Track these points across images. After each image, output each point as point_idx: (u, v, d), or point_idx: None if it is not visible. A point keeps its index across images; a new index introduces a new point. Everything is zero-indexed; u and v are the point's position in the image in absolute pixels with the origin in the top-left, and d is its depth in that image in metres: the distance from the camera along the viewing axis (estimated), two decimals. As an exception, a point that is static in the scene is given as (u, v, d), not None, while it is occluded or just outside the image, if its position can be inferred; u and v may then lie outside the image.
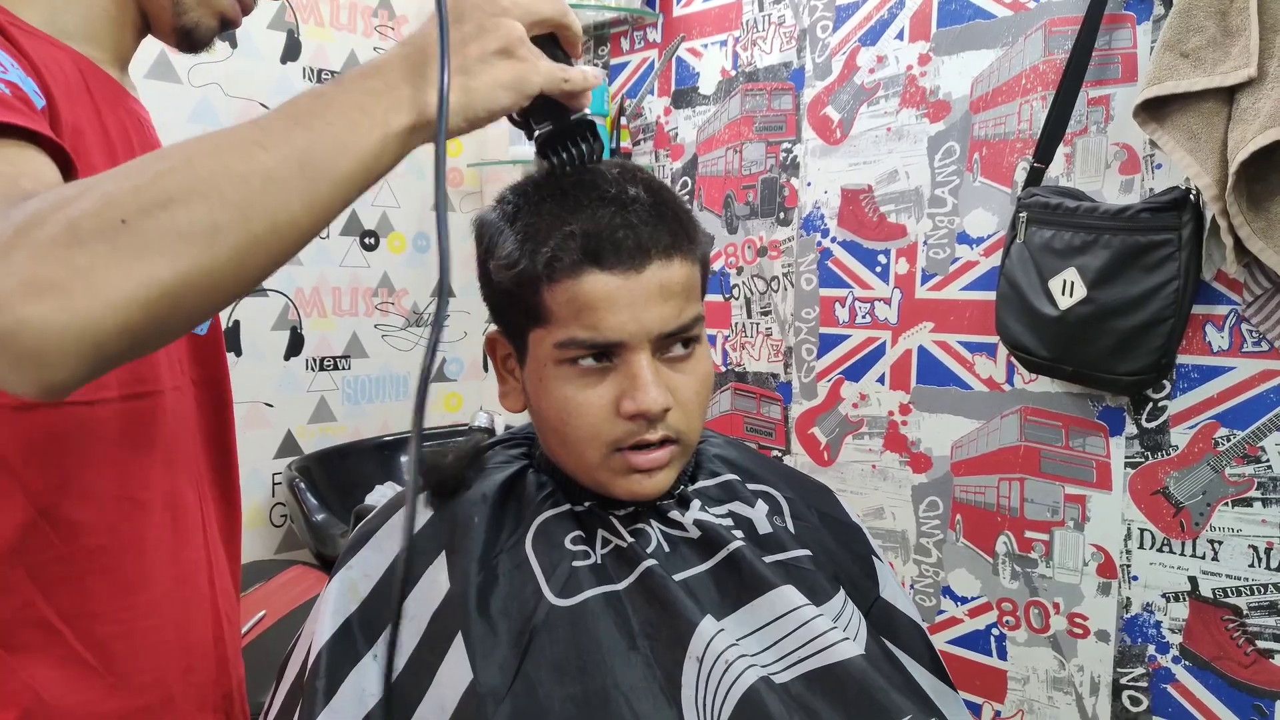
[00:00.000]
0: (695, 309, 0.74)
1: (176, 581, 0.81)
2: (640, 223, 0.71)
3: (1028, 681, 1.60)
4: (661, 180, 0.87)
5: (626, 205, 0.71)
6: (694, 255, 0.75)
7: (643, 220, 0.71)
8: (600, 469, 0.74)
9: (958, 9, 1.63)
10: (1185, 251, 1.32)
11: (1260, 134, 1.18)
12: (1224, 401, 1.37)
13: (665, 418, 0.72)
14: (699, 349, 0.76)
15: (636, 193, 0.72)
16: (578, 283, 0.70)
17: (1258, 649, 1.36)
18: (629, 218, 0.71)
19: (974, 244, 1.63)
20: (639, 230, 0.70)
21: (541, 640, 0.70)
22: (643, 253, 0.70)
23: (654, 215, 0.72)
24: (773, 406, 1.94)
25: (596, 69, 0.66)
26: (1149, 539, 1.45)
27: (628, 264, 0.70)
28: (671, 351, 0.73)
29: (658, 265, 0.71)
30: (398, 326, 2.19)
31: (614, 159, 0.82)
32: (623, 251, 0.70)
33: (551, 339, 0.72)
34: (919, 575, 1.72)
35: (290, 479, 1.93)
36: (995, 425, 1.61)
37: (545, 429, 0.77)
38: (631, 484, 0.74)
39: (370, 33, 2.10)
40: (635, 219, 0.71)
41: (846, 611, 0.80)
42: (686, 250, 0.74)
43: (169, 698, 0.80)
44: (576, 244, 0.70)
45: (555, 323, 0.71)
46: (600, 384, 0.72)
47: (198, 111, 1.84)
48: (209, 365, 0.90)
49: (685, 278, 0.73)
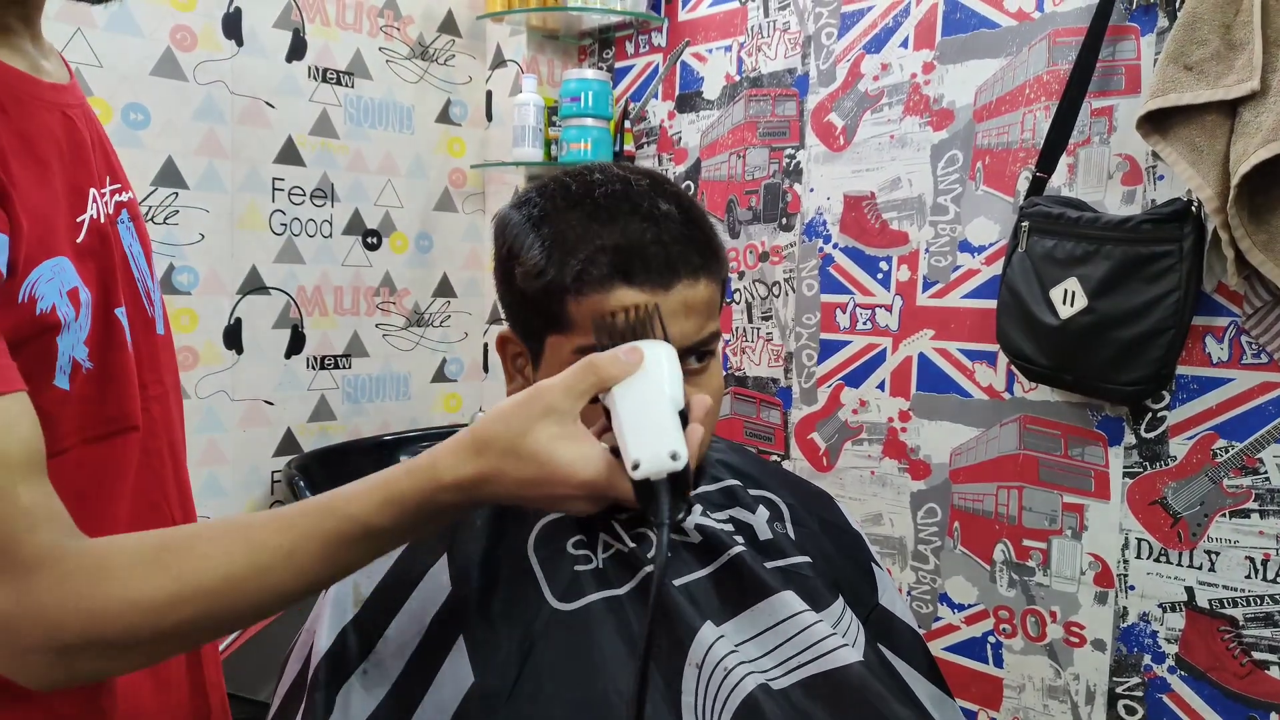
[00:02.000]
0: (713, 326, 0.75)
1: None
2: (671, 240, 0.72)
3: (1024, 690, 1.60)
4: (690, 195, 0.87)
5: (658, 221, 0.72)
6: (719, 276, 0.76)
7: (674, 238, 0.72)
8: None
9: (962, 18, 1.64)
10: (1186, 263, 1.32)
11: (1262, 147, 1.18)
12: (1223, 413, 1.38)
13: None
14: (713, 363, 0.77)
15: (668, 209, 0.73)
16: (605, 297, 0.70)
17: (1253, 660, 1.36)
18: (660, 235, 0.71)
19: (975, 252, 1.63)
20: (670, 248, 0.71)
21: (543, 644, 0.70)
22: (672, 271, 0.71)
23: (684, 234, 0.73)
24: (773, 411, 1.94)
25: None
26: (1146, 549, 1.46)
27: (656, 281, 0.70)
28: (687, 365, 0.74)
29: (685, 285, 0.72)
30: (399, 326, 2.19)
31: (641, 168, 0.82)
32: (652, 269, 0.70)
33: (571, 345, 0.72)
34: (916, 582, 1.73)
35: (289, 477, 1.93)
36: (994, 433, 1.62)
37: None
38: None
39: (376, 33, 2.10)
40: (666, 236, 0.71)
41: (846, 618, 0.80)
42: (713, 271, 0.75)
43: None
44: (607, 259, 0.70)
45: (577, 331, 0.72)
46: None
47: (202, 109, 1.85)
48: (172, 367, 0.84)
49: (709, 297, 0.74)
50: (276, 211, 1.97)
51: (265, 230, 1.96)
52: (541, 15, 2.17)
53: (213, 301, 1.90)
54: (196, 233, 1.86)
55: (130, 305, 0.76)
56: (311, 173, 2.02)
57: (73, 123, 0.72)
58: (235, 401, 1.94)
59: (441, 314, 2.27)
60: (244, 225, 1.93)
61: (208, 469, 1.90)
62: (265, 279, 1.97)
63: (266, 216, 1.96)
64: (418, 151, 2.19)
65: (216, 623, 0.59)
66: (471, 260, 2.32)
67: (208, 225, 1.88)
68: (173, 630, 0.57)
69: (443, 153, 2.25)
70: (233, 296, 1.93)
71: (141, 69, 1.78)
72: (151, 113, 1.79)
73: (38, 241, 0.64)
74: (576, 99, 2.09)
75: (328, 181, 2.04)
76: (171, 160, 1.82)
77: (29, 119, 0.67)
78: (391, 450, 2.11)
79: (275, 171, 1.97)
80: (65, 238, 0.68)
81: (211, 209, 1.88)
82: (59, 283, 0.65)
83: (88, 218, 0.71)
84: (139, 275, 0.80)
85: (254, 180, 1.94)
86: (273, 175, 1.96)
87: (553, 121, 2.17)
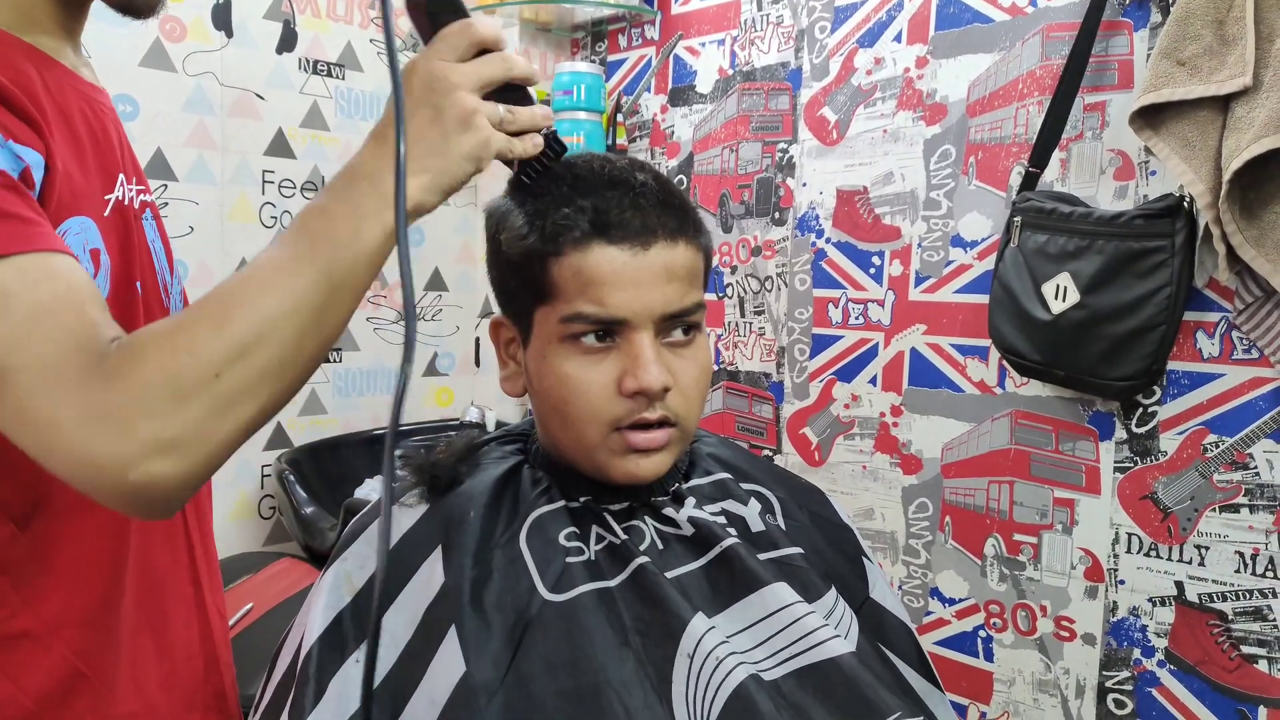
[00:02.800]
0: (697, 295, 0.77)
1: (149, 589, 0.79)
2: (648, 205, 0.74)
3: (1014, 683, 1.60)
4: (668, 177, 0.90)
5: (635, 188, 0.74)
6: (698, 243, 0.78)
7: (650, 204, 0.74)
8: (599, 449, 0.75)
9: (956, 12, 1.64)
10: (1178, 258, 1.33)
11: (1254, 143, 1.18)
12: (1213, 408, 1.38)
13: (665, 398, 0.74)
14: (699, 338, 0.78)
15: (645, 179, 0.75)
16: (585, 255, 0.72)
17: (1242, 654, 1.37)
18: (638, 200, 0.74)
19: (968, 247, 1.63)
20: (646, 211, 0.73)
21: (534, 635, 0.70)
22: (649, 231, 0.73)
23: (661, 200, 0.75)
24: (765, 406, 1.94)
25: (545, 109, 0.72)
26: (1137, 543, 1.46)
27: (634, 240, 0.72)
28: (672, 336, 0.76)
29: (663, 245, 0.73)
30: (390, 320, 2.18)
31: (622, 154, 0.85)
32: (630, 228, 0.72)
33: (556, 314, 0.74)
34: (907, 576, 1.73)
35: (279, 471, 1.92)
36: (986, 428, 1.62)
37: (546, 409, 0.78)
38: (629, 464, 0.75)
39: (367, 24, 2.09)
40: (644, 201, 0.74)
41: (838, 609, 0.81)
42: (691, 236, 0.76)
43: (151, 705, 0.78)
44: (586, 217, 0.72)
45: (561, 298, 0.73)
46: (602, 362, 0.74)
47: (192, 100, 1.83)
48: None
49: (689, 262, 0.76)
50: (267, 204, 1.96)
51: (256, 223, 1.95)
52: (534, 7, 2.17)
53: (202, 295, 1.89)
54: (186, 225, 1.85)
55: (147, 289, 0.78)
56: (302, 165, 2.01)
57: (103, 118, 0.76)
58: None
59: (433, 308, 2.27)
60: (234, 218, 1.92)
61: (197, 463, 1.89)
62: (255, 272, 1.96)
63: (257, 209, 1.95)
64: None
65: (281, 355, 0.61)
66: (463, 254, 2.31)
67: (198, 218, 1.87)
68: (242, 380, 0.60)
69: (434, 146, 2.24)
70: (223, 289, 1.92)
71: (130, 60, 1.76)
72: (140, 104, 1.77)
73: (70, 195, 0.66)
74: (569, 92, 2.09)
75: (319, 174, 2.03)
76: (161, 152, 1.81)
77: (65, 99, 0.71)
78: (383, 444, 2.10)
79: (266, 164, 1.96)
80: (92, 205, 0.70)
81: (201, 201, 1.87)
82: (84, 238, 0.68)
83: (114, 198, 0.74)
84: (159, 267, 0.83)
85: (244, 173, 1.93)
86: (263, 168, 1.95)
87: (545, 115, 2.16)
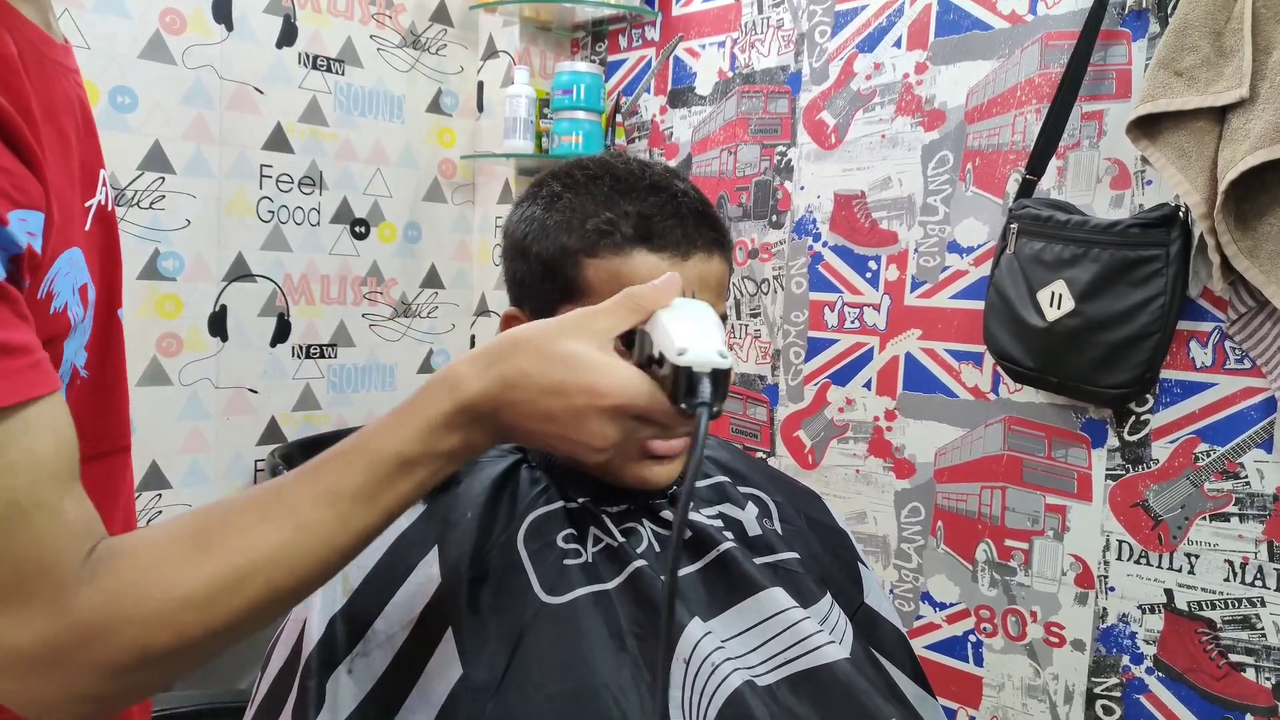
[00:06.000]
0: (722, 307, 0.77)
1: None
2: (690, 213, 0.75)
3: (1003, 688, 1.61)
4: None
5: (677, 197, 0.75)
6: (728, 259, 0.79)
7: (690, 214, 0.75)
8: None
9: (956, 19, 1.64)
10: (1173, 268, 1.33)
11: (1250, 154, 1.19)
12: (1205, 417, 1.39)
13: None
14: None
15: (685, 188, 0.76)
16: (625, 260, 0.72)
17: (1230, 662, 1.38)
18: (679, 208, 0.74)
19: (964, 253, 1.64)
20: (686, 221, 0.74)
21: (531, 637, 0.70)
22: (689, 242, 0.74)
23: (699, 211, 0.76)
24: (759, 408, 1.95)
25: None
26: (1127, 550, 1.47)
27: (674, 250, 0.73)
28: None
29: (701, 257, 0.74)
30: (385, 316, 2.18)
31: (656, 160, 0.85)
32: (671, 237, 0.73)
33: None
34: (899, 580, 1.74)
35: (273, 466, 1.92)
36: (979, 434, 1.63)
37: None
38: (643, 470, 0.76)
39: (368, 20, 2.08)
40: (685, 210, 0.74)
41: (833, 615, 0.81)
42: (725, 250, 0.78)
43: None
44: (630, 223, 0.72)
45: (593, 298, 0.70)
46: None
47: (191, 93, 1.83)
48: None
49: (720, 275, 0.77)
50: (264, 198, 1.96)
51: (253, 217, 1.94)
52: (535, 6, 2.16)
53: (198, 288, 1.88)
54: (183, 218, 1.84)
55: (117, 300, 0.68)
56: (300, 160, 2.00)
57: (83, 95, 0.63)
58: (219, 389, 1.93)
59: (429, 305, 2.26)
60: (231, 212, 1.91)
61: (190, 456, 1.89)
62: (252, 266, 1.96)
63: (254, 203, 1.95)
64: (407, 141, 2.18)
65: (272, 600, 0.53)
66: (460, 252, 2.31)
67: (194, 211, 1.86)
68: (225, 622, 0.52)
69: (433, 143, 2.24)
70: (218, 283, 1.91)
71: (129, 51, 1.76)
72: (139, 96, 1.77)
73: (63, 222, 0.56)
74: (569, 91, 2.09)
75: (316, 169, 2.03)
76: (159, 144, 1.80)
77: (49, 84, 0.58)
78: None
79: (264, 158, 1.95)
80: (78, 226, 0.60)
81: (199, 195, 1.86)
82: (73, 278, 0.58)
83: (95, 203, 0.64)
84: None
85: (242, 166, 1.92)
86: (261, 162, 1.95)
87: (544, 114, 2.16)
